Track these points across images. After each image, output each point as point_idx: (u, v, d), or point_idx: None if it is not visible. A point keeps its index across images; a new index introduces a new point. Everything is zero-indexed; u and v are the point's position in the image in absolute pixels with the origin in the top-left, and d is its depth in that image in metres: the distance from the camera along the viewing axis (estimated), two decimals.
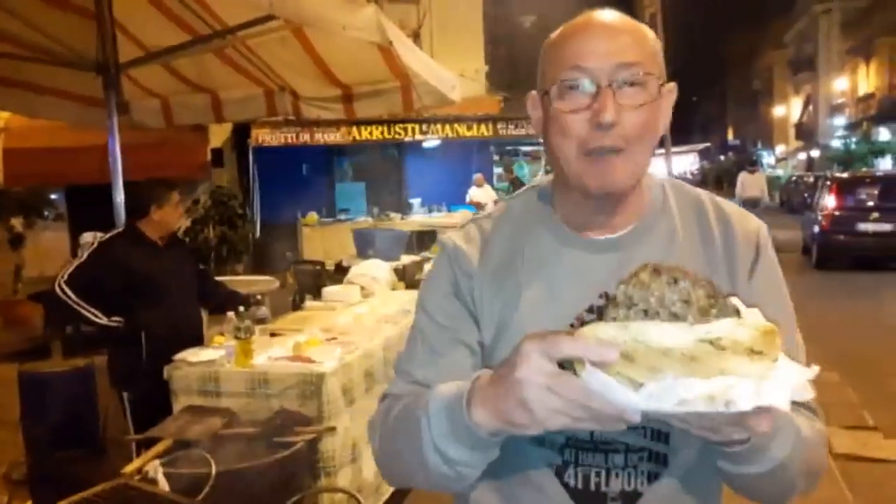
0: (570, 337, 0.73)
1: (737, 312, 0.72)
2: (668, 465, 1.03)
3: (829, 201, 12.12)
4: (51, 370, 4.50)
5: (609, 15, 1.02)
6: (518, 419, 0.78)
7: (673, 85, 1.06)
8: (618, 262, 1.03)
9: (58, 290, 3.34)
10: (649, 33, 1.04)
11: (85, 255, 3.51)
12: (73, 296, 3.34)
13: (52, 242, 9.69)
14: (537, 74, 1.07)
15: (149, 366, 3.35)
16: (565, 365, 0.74)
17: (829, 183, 12.81)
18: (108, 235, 3.63)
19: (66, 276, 3.36)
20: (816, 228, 12.18)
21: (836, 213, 11.89)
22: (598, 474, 1.03)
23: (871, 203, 11.92)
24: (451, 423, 0.87)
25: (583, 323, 0.99)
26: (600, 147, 0.97)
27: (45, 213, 9.59)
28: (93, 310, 3.37)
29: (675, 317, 0.72)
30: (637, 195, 1.07)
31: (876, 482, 4.07)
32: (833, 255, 11.90)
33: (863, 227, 11.61)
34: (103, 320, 3.38)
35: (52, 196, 10.23)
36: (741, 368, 0.67)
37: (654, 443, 1.02)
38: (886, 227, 11.43)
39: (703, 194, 1.14)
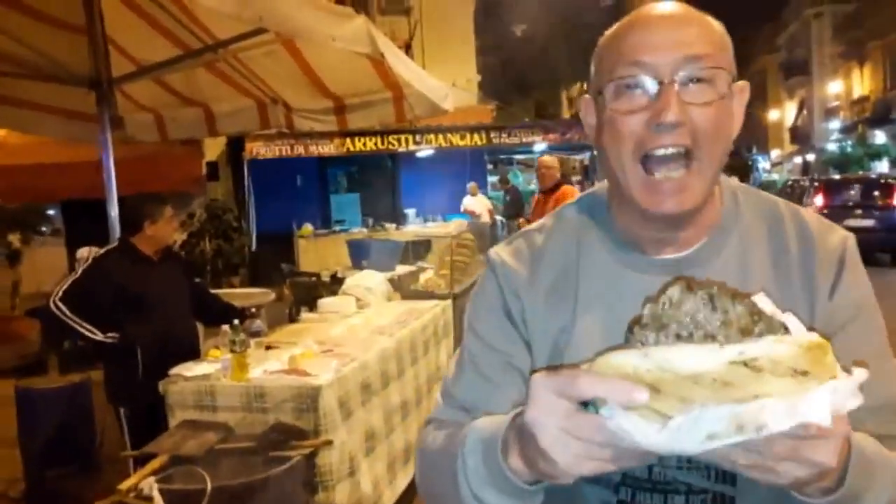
0: (589, 373, 0.64)
1: (784, 329, 0.63)
2: None
3: (818, 200, 13.36)
4: (47, 386, 4.50)
5: (671, 5, 0.92)
6: (543, 468, 0.68)
7: (745, 83, 0.94)
8: None
9: (52, 306, 3.34)
10: (718, 25, 0.92)
11: (79, 271, 3.51)
12: (67, 312, 3.34)
13: (48, 258, 9.68)
14: (590, 76, 0.97)
15: (145, 381, 3.34)
16: (587, 402, 0.64)
17: (816, 185, 14.38)
18: (101, 251, 3.63)
19: (60, 293, 3.36)
20: None
21: (825, 211, 12.55)
22: None
23: (853, 202, 13.27)
24: (488, 468, 0.77)
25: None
26: (661, 149, 0.86)
27: (42, 228, 9.60)
28: (87, 326, 3.36)
29: (711, 339, 0.64)
30: (708, 207, 0.95)
31: None
32: None
33: (848, 223, 12.03)
34: (98, 336, 3.38)
35: (49, 212, 10.24)
36: (783, 392, 0.57)
37: (718, 484, 0.92)
38: (868, 222, 12.57)
39: (782, 204, 1.01)
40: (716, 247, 0.96)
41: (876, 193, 13.24)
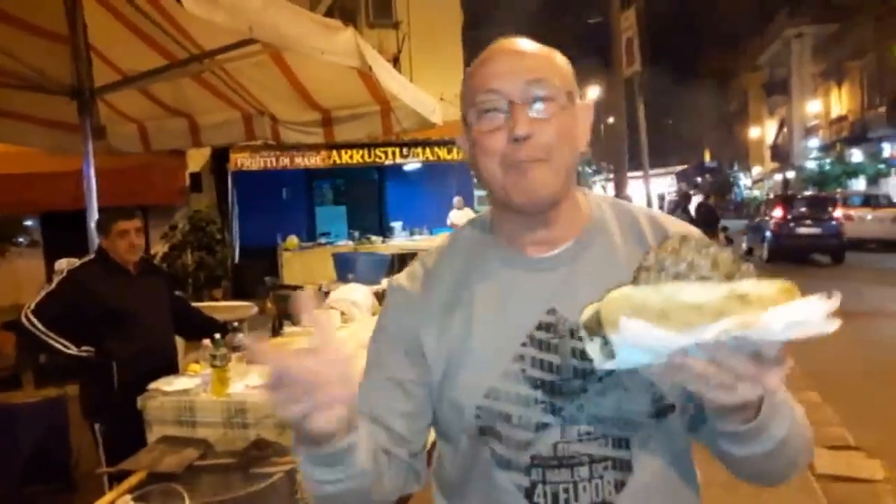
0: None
1: (757, 275, 0.77)
2: (633, 470, 1.04)
3: (777, 213, 17.02)
4: (21, 401, 4.40)
5: (518, 41, 1.09)
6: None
7: (589, 102, 1.12)
8: (561, 278, 1.08)
9: (24, 320, 3.24)
10: (558, 55, 1.10)
11: (54, 283, 3.41)
12: (40, 326, 3.23)
13: (26, 270, 9.54)
14: (461, 105, 1.12)
15: (121, 396, 3.26)
16: (598, 334, 0.79)
17: (775, 200, 18.87)
18: (78, 263, 3.53)
19: (32, 306, 3.27)
20: (768, 233, 17.01)
21: (781, 221, 16.76)
22: (566, 490, 1.03)
23: (802, 214, 16.89)
24: (303, 457, 0.92)
25: (533, 340, 1.05)
26: (518, 159, 1.02)
27: (20, 239, 9.45)
28: (61, 340, 3.26)
29: (703, 279, 0.77)
30: (572, 210, 1.12)
31: (859, 503, 4.06)
32: (780, 250, 16.59)
33: (798, 230, 16.57)
34: (72, 350, 3.27)
35: (27, 223, 10.10)
36: None
37: (616, 450, 1.04)
38: (814, 230, 16.40)
39: (637, 209, 1.18)
40: (585, 244, 1.11)
41: (819, 208, 16.97)
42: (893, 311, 10.10)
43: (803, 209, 16.99)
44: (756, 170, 45.32)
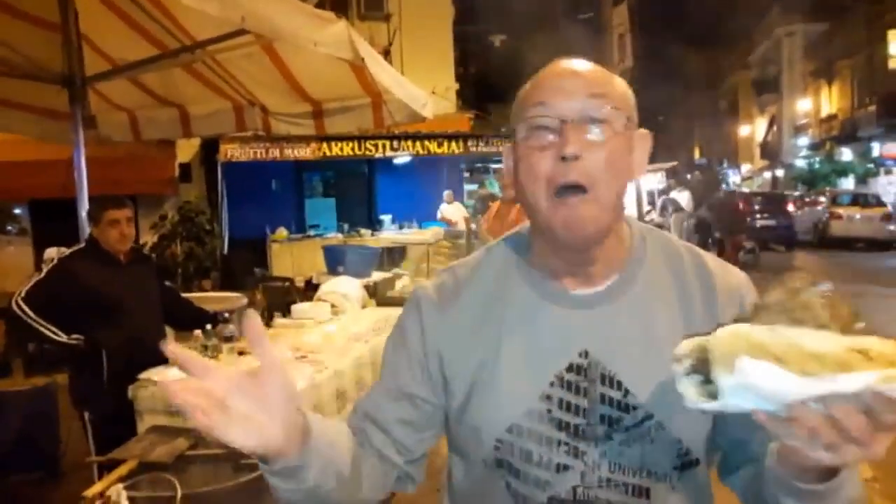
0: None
1: (874, 333, 0.74)
2: None
3: (740, 206, 19.30)
4: (10, 389, 4.39)
5: (578, 61, 1.03)
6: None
7: (647, 132, 1.06)
8: (597, 318, 1.03)
9: (14, 307, 3.23)
10: (619, 79, 1.04)
11: (44, 271, 3.40)
12: (30, 313, 3.23)
13: (15, 258, 9.49)
14: (511, 124, 1.06)
15: (110, 385, 3.26)
16: (700, 372, 0.76)
17: (738, 196, 20.96)
18: (68, 252, 3.53)
19: (23, 293, 3.26)
20: None
21: (744, 214, 18.73)
22: None
23: (761, 208, 19.04)
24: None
25: (562, 381, 1.01)
26: (564, 181, 0.96)
27: (8, 227, 9.40)
28: (51, 328, 3.25)
29: (821, 328, 0.73)
30: (615, 244, 1.05)
31: None
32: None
33: (758, 222, 18.57)
34: (62, 338, 3.27)
35: (16, 210, 10.03)
36: None
37: (635, 499, 1.01)
38: (770, 222, 18.65)
39: (683, 247, 1.12)
40: (626, 284, 1.05)
41: (775, 204, 19.58)
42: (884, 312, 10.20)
43: (761, 204, 19.53)
44: (745, 167, 45.50)
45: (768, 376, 0.69)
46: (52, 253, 6.66)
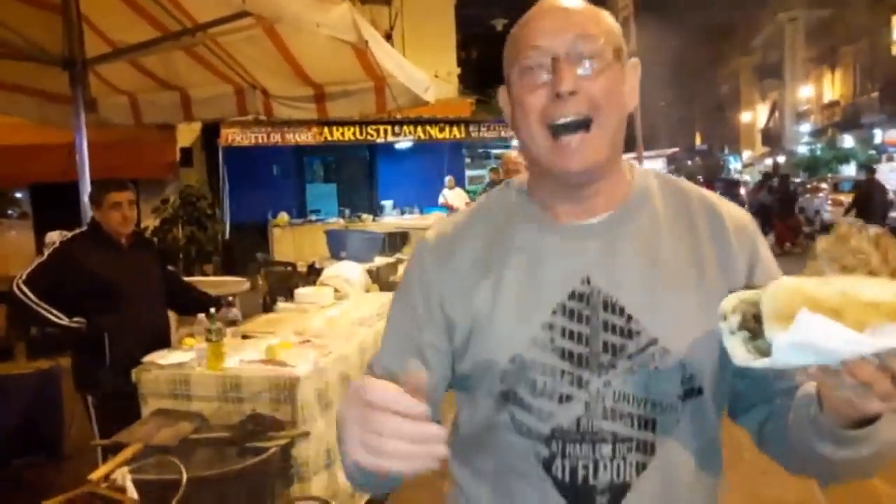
0: (376, 384, 0.75)
1: None
2: (656, 454, 1.00)
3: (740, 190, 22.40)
4: (13, 373, 4.39)
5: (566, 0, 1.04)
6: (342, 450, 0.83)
7: (636, 60, 1.06)
8: (598, 248, 1.03)
9: (16, 290, 3.21)
10: (605, 13, 1.04)
11: (45, 254, 3.39)
12: (31, 296, 3.21)
13: (16, 242, 9.48)
14: (504, 67, 1.07)
15: (113, 369, 3.27)
16: (748, 327, 0.73)
17: (701, 180, 24.26)
18: (70, 235, 3.51)
19: (24, 276, 3.25)
20: None
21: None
22: (585, 466, 1.00)
23: (719, 192, 19.28)
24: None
25: (564, 309, 1.02)
26: (563, 118, 0.97)
27: (9, 212, 9.38)
28: (53, 311, 3.24)
29: (872, 274, 0.71)
30: (616, 179, 1.07)
31: (851, 491, 4.12)
32: None
33: None
34: (64, 321, 3.26)
35: (17, 195, 10.01)
36: None
37: (641, 431, 1.00)
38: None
39: (689, 187, 1.13)
40: (627, 215, 1.06)
41: (731, 188, 22.53)
42: None
43: (719, 188, 21.58)
44: (747, 153, 45.37)
45: (828, 332, 0.65)
46: (53, 237, 6.65)
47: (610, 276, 1.01)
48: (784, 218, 15.00)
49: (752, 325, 0.73)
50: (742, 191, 22.71)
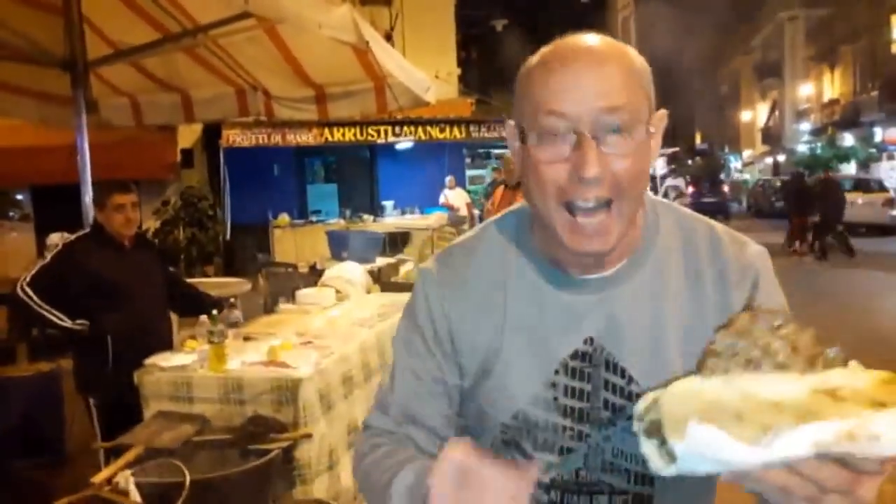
0: (488, 465, 0.78)
1: (845, 361, 0.65)
2: None
3: (689, 189, 28.20)
4: (15, 375, 4.39)
5: (590, 43, 0.91)
6: None
7: (663, 113, 0.97)
8: (604, 303, 1.00)
9: (20, 291, 3.22)
10: (636, 59, 0.93)
11: (49, 256, 3.39)
12: (35, 298, 3.22)
13: (17, 244, 9.48)
14: (515, 97, 0.98)
15: (115, 371, 3.26)
16: (653, 434, 0.66)
17: (688, 181, 30.85)
18: (73, 237, 3.52)
19: (28, 278, 3.25)
20: (688, 200, 24.42)
21: (692, 194, 26.60)
22: None
23: (706, 189, 27.52)
24: None
25: (566, 368, 1.00)
26: (584, 202, 0.89)
27: (10, 213, 9.38)
28: (56, 312, 3.24)
29: (781, 367, 0.65)
30: (630, 232, 1.00)
31: None
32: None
33: (704, 200, 25.10)
34: (67, 323, 3.26)
35: (18, 196, 10.01)
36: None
37: (638, 486, 1.00)
38: (712, 199, 25.73)
39: (696, 220, 1.06)
40: (636, 265, 1.01)
41: (716, 186, 28.24)
42: (882, 299, 10.19)
43: (706, 186, 28.14)
44: (747, 152, 45.36)
45: (718, 444, 0.60)
46: (55, 238, 6.64)
47: (613, 335, 0.99)
48: (800, 215, 14.96)
49: (659, 431, 0.65)
50: (725, 188, 28.53)
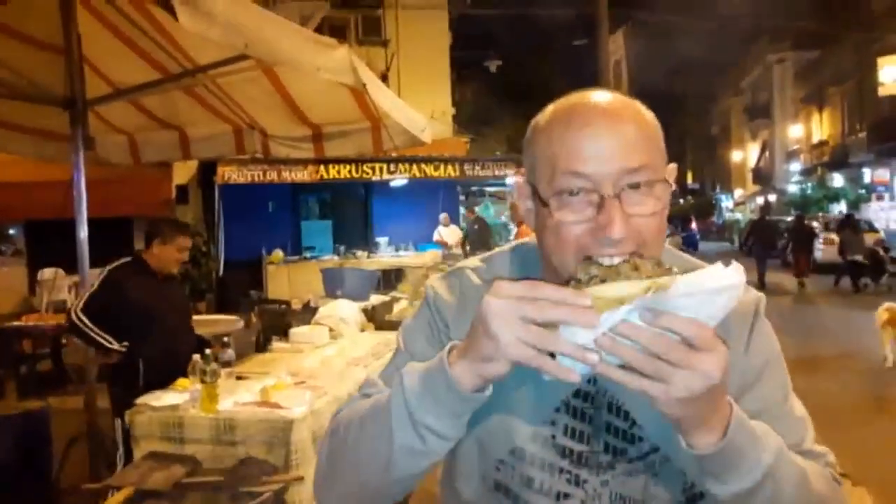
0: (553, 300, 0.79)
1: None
2: None
3: (692, 226, 32.40)
4: (2, 414, 4.32)
5: (605, 102, 0.93)
6: (485, 350, 0.80)
7: (673, 166, 0.98)
8: None
9: (74, 318, 3.52)
10: (648, 116, 0.95)
11: (95, 283, 3.67)
12: (88, 323, 3.52)
13: (8, 279, 9.42)
14: (524, 154, 0.98)
15: (145, 394, 3.36)
16: None
17: (692, 219, 34.55)
18: (115, 264, 3.78)
19: (81, 305, 3.56)
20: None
21: (696, 232, 31.90)
22: None
23: (677, 225, 30.02)
24: (427, 387, 0.86)
25: (568, 407, 1.00)
26: (608, 259, 0.88)
27: (2, 248, 9.35)
28: (105, 336, 3.54)
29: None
30: None
31: None
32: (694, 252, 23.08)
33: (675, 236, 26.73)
34: (115, 346, 3.55)
35: (10, 231, 9.98)
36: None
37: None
38: (683, 234, 28.52)
39: (699, 264, 1.07)
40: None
41: (684, 223, 31.96)
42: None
43: (708, 225, 31.77)
44: (738, 192, 45.76)
45: (571, 335, 0.78)
46: (47, 274, 6.62)
47: None
48: (805, 253, 16.70)
49: None
50: (693, 226, 32.59)
